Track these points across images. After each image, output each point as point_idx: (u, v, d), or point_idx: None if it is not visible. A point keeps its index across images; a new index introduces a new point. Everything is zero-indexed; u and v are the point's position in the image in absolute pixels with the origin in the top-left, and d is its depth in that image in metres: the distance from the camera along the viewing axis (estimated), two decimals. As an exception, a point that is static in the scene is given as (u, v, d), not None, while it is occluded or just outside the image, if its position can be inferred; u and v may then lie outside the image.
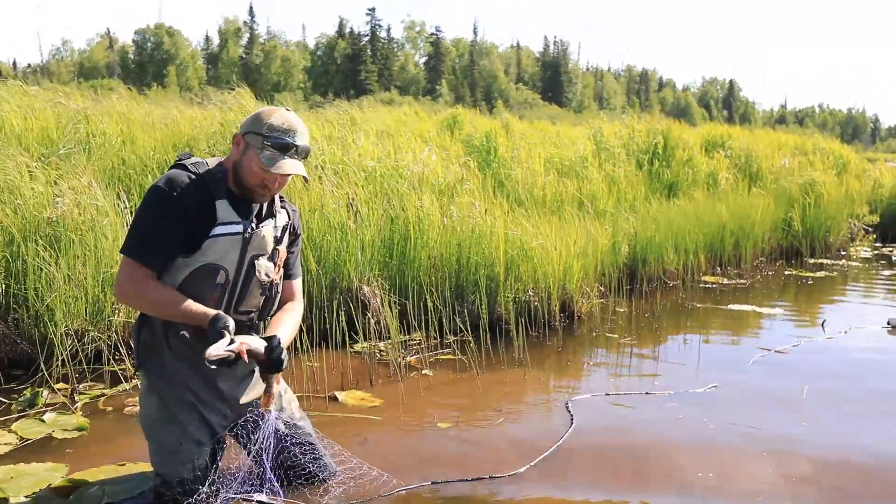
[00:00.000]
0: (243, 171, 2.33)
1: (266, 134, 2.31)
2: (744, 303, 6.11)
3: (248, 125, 2.36)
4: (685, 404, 3.62)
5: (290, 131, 2.34)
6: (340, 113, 7.66)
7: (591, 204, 6.89)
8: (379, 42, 77.62)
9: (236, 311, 2.40)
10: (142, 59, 69.82)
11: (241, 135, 2.36)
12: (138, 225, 2.30)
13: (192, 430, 2.38)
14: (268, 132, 2.31)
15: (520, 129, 9.85)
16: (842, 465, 2.96)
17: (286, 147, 2.32)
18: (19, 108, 5.19)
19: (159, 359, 2.38)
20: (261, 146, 2.30)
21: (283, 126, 2.33)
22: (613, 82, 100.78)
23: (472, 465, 2.82)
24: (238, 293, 2.39)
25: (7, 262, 3.76)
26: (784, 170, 10.20)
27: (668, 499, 2.60)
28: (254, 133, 2.33)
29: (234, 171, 2.36)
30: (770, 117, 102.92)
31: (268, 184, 2.34)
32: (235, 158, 2.36)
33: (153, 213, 2.27)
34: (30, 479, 2.59)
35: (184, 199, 2.26)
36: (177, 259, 2.29)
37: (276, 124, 2.32)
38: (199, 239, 2.28)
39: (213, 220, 2.30)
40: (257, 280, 2.41)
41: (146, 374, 2.40)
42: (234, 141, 2.38)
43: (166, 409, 2.38)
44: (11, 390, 3.47)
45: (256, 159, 2.30)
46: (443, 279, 4.83)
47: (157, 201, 2.27)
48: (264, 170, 2.30)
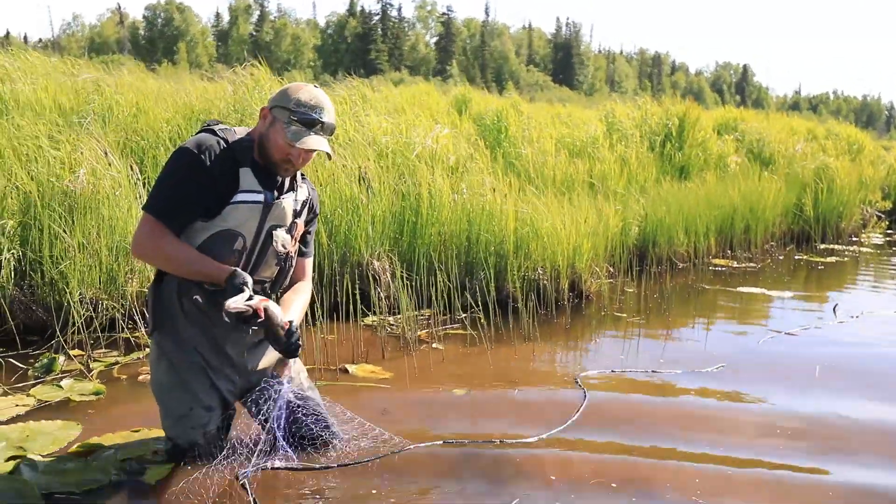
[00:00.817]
0: (269, 143, 2.36)
1: (293, 109, 2.33)
2: (754, 286, 6.11)
3: (277, 99, 2.38)
4: (693, 381, 3.64)
5: (317, 108, 2.36)
6: (351, 89, 7.64)
7: (602, 184, 6.88)
8: (389, 21, 77.22)
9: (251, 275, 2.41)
10: (152, 35, 69.77)
11: (268, 108, 2.39)
12: (164, 184, 2.31)
13: (203, 395, 2.42)
14: (295, 107, 2.33)
15: (528, 111, 9.80)
16: (857, 437, 2.97)
17: (312, 123, 2.35)
18: (33, 78, 5.20)
19: (172, 324, 2.40)
20: (287, 121, 2.33)
21: (311, 102, 2.35)
22: (625, 65, 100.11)
23: (486, 432, 2.85)
24: (254, 261, 2.41)
25: (23, 228, 3.80)
26: (797, 155, 10.15)
27: (675, 466, 2.62)
28: (281, 107, 2.35)
29: (259, 143, 2.39)
30: (784, 103, 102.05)
31: (292, 159, 2.37)
32: (262, 131, 2.39)
33: (181, 174, 2.29)
34: (46, 438, 2.63)
35: (211, 164, 2.29)
36: (196, 222, 2.31)
37: (303, 100, 2.34)
38: (221, 204, 2.31)
39: (235, 186, 2.32)
40: (273, 250, 2.44)
41: (158, 339, 2.43)
42: (262, 114, 2.40)
43: (177, 374, 2.41)
44: (28, 356, 3.51)
45: (282, 133, 2.33)
46: (453, 256, 4.85)
47: (187, 164, 2.28)
48: (290, 144, 2.33)
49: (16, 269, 3.73)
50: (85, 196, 3.86)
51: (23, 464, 2.39)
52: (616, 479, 2.52)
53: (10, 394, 3.09)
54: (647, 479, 2.52)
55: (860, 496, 2.48)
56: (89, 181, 3.90)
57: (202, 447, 2.42)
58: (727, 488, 2.49)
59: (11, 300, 3.68)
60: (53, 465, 2.43)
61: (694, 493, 2.43)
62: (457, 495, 2.37)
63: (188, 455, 2.43)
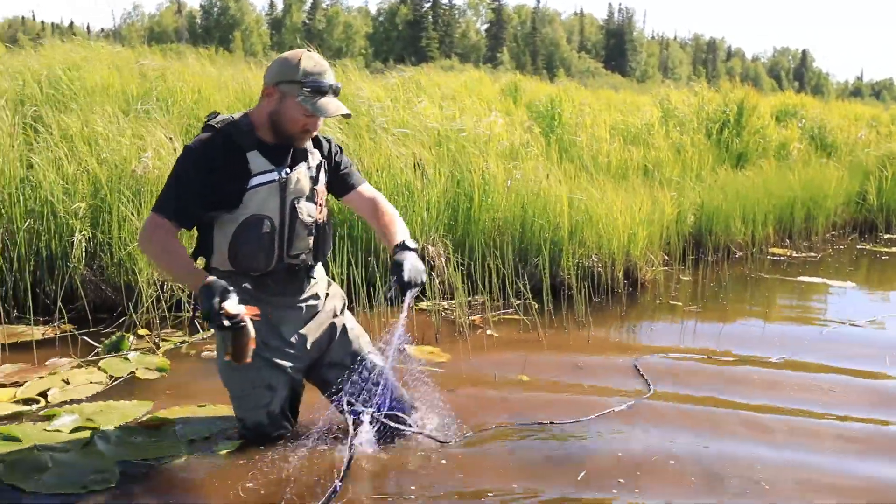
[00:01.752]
0: (284, 119, 2.36)
1: (303, 81, 2.32)
2: (814, 275, 5.98)
3: (279, 74, 2.35)
4: (753, 370, 3.59)
5: (323, 72, 2.37)
6: (405, 77, 7.68)
7: (657, 171, 6.78)
8: (440, 8, 77.11)
9: (288, 255, 2.47)
10: (208, 24, 71.04)
11: (272, 86, 2.35)
12: (169, 183, 2.36)
13: (263, 374, 2.46)
14: (304, 78, 2.32)
15: (582, 97, 9.70)
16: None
17: (324, 89, 2.35)
18: (103, 65, 5.37)
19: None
20: (300, 93, 2.32)
21: (317, 69, 2.35)
22: (679, 51, 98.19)
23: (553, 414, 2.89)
24: (287, 238, 2.45)
25: (93, 211, 3.94)
26: (860, 142, 9.84)
27: (736, 453, 2.60)
28: (288, 82, 2.33)
29: (271, 121, 2.38)
30: (844, 89, 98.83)
31: (310, 127, 2.40)
32: (270, 109, 2.36)
33: (185, 174, 2.33)
34: (116, 413, 2.75)
35: (214, 159, 2.32)
36: (223, 215, 2.36)
37: (309, 69, 2.34)
38: (239, 193, 2.34)
39: (247, 172, 2.35)
40: (301, 222, 2.46)
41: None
42: (266, 93, 2.37)
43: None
44: (98, 333, 3.65)
45: (297, 107, 2.33)
46: (506, 242, 4.86)
47: (192, 162, 2.33)
48: (308, 115, 2.35)
49: (86, 250, 3.87)
50: (151, 180, 3.99)
51: (96, 436, 2.49)
52: (678, 458, 2.52)
53: (83, 366, 3.22)
54: (710, 462, 2.51)
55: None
56: (154, 165, 4.03)
57: (266, 426, 2.49)
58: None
59: (83, 279, 3.83)
60: (124, 437, 2.53)
61: (758, 481, 2.42)
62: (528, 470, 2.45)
63: (256, 433, 2.49)
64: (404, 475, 2.40)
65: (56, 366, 3.22)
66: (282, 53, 2.45)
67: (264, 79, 2.40)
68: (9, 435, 2.49)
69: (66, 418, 2.66)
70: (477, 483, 2.36)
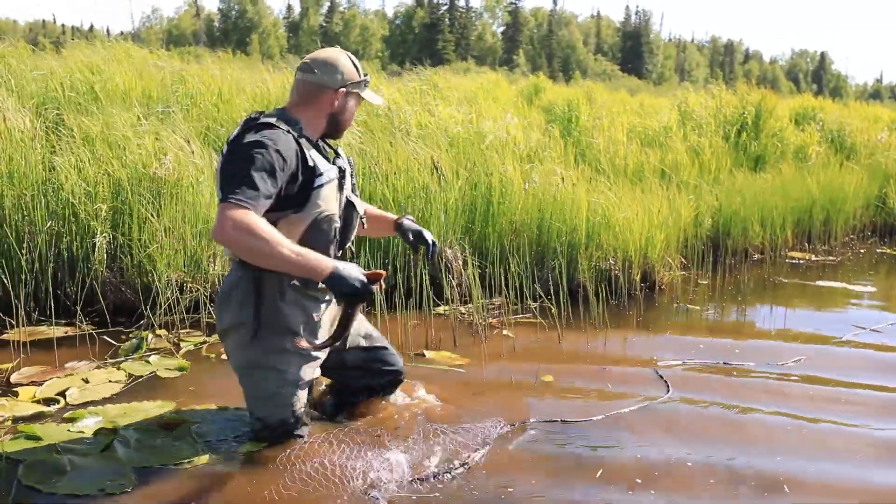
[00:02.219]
0: (346, 116, 2.56)
1: (363, 79, 2.56)
2: (833, 279, 5.92)
3: (345, 78, 2.49)
4: (772, 374, 3.58)
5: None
6: (423, 79, 7.70)
7: (675, 174, 6.75)
8: (457, 11, 77.14)
9: (342, 248, 2.56)
10: (226, 27, 71.48)
11: (340, 89, 2.48)
12: (246, 173, 2.20)
13: (293, 373, 2.47)
14: (363, 77, 2.57)
15: (601, 99, 9.68)
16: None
17: (368, 82, 2.63)
18: (124, 68, 5.42)
19: (270, 307, 2.42)
20: (362, 89, 2.57)
21: (360, 65, 2.59)
22: (696, 54, 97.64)
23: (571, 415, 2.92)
24: (343, 232, 2.54)
25: (114, 213, 3.98)
26: (880, 144, 9.74)
27: (756, 459, 2.59)
28: (354, 83, 2.52)
29: (329, 120, 2.51)
30: (863, 91, 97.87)
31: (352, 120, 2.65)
32: (333, 110, 2.50)
33: (262, 163, 2.22)
34: (139, 414, 2.76)
35: (288, 155, 2.30)
36: (290, 215, 2.35)
37: (360, 67, 2.58)
38: (307, 192, 2.36)
39: (312, 170, 2.37)
40: (357, 214, 2.58)
41: (252, 322, 2.42)
42: (334, 97, 2.47)
43: (267, 355, 2.44)
44: (118, 334, 3.69)
45: (357, 101, 2.58)
46: (524, 245, 4.85)
47: (271, 152, 2.24)
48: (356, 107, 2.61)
49: (107, 252, 3.91)
50: (170, 182, 4.03)
51: (116, 440, 2.50)
52: (694, 460, 2.52)
53: (103, 367, 3.25)
54: (726, 464, 2.50)
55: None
56: (174, 168, 4.06)
57: (291, 425, 2.50)
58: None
59: (103, 281, 3.87)
60: (145, 440, 2.53)
61: (779, 483, 2.40)
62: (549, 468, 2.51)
63: (282, 433, 2.50)
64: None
65: (75, 368, 3.24)
66: (318, 56, 2.52)
67: (324, 84, 2.45)
68: (31, 434, 2.52)
69: (89, 420, 2.68)
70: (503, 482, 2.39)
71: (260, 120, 2.36)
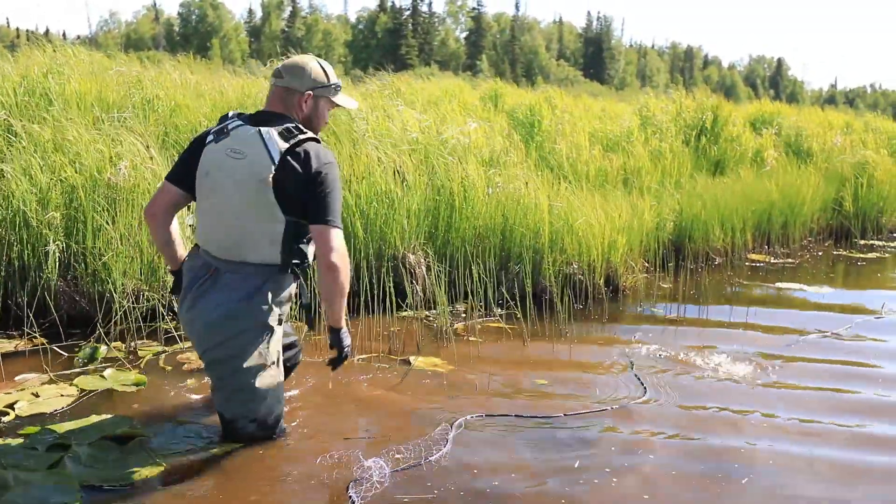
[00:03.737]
0: (318, 119, 2.66)
1: (334, 85, 2.67)
2: (792, 281, 6.01)
3: (313, 82, 2.61)
4: (735, 372, 3.62)
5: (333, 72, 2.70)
6: (385, 84, 7.65)
7: (636, 179, 6.81)
8: (420, 16, 77.23)
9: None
10: (186, 31, 70.56)
11: (308, 92, 2.60)
12: (339, 193, 2.54)
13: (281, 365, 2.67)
14: (333, 82, 2.66)
15: (563, 104, 9.72)
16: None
17: (340, 87, 2.73)
18: (78, 73, 5.28)
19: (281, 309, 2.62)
20: (332, 93, 2.66)
21: (332, 70, 2.68)
22: (657, 59, 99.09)
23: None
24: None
25: (67, 220, 3.87)
26: (835, 149, 9.94)
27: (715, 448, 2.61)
28: (322, 87, 2.63)
29: (305, 123, 2.61)
30: (819, 97, 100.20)
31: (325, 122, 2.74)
32: (306, 114, 2.62)
33: (338, 184, 2.54)
34: (93, 430, 2.66)
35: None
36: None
37: (331, 72, 2.67)
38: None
39: None
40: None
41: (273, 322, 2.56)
42: (303, 100, 2.60)
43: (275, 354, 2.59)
44: (72, 346, 3.57)
45: (328, 105, 2.67)
46: (487, 250, 4.84)
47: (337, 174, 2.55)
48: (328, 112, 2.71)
49: (60, 260, 3.80)
50: (126, 189, 3.93)
51: (67, 456, 2.42)
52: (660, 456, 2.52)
53: (55, 382, 3.15)
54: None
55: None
56: (130, 174, 3.96)
57: (281, 417, 2.67)
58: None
59: (56, 291, 3.75)
60: (96, 455, 2.46)
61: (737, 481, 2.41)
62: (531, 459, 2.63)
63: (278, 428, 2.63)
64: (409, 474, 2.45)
65: (26, 381, 3.13)
66: (289, 62, 2.66)
67: (294, 88, 2.59)
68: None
69: (40, 434, 2.59)
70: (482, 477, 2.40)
71: (306, 134, 2.53)
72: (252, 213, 2.46)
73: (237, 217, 2.48)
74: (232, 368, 2.51)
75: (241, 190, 2.45)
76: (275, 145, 2.45)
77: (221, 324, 2.49)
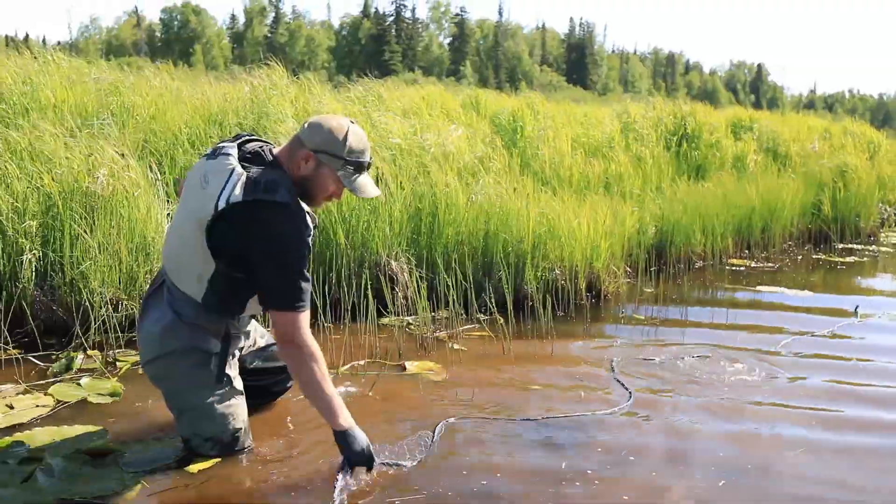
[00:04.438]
0: (316, 187, 2.37)
1: (347, 158, 2.34)
2: (772, 285, 6.06)
3: (324, 144, 2.33)
4: (716, 373, 3.64)
5: (366, 150, 2.38)
6: (367, 90, 7.64)
7: (618, 184, 6.83)
8: (403, 22, 77.37)
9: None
10: (168, 37, 70.25)
11: (311, 152, 2.34)
12: (294, 271, 2.26)
13: (237, 383, 2.54)
14: (349, 156, 2.34)
15: (545, 110, 9.74)
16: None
17: (364, 168, 2.38)
18: (55, 79, 5.23)
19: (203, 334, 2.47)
20: (342, 169, 2.35)
21: (361, 146, 2.37)
22: (639, 65, 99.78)
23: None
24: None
25: (44, 229, 3.82)
26: (814, 153, 10.04)
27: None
28: (331, 155, 2.33)
29: (301, 184, 2.36)
30: (799, 102, 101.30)
31: (335, 197, 2.43)
32: (304, 174, 2.35)
33: (300, 257, 2.29)
34: (67, 443, 2.62)
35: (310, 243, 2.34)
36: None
37: (354, 146, 2.35)
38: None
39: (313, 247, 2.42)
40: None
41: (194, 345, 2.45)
42: (303, 157, 2.34)
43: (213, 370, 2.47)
44: (48, 356, 3.52)
45: (334, 178, 2.35)
46: (470, 256, 4.84)
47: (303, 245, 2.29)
48: (340, 187, 2.38)
49: (37, 270, 3.75)
50: (105, 197, 3.88)
51: (39, 469, 2.37)
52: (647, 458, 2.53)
53: (30, 392, 3.10)
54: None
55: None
56: (108, 182, 3.92)
57: (243, 435, 2.52)
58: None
59: (33, 300, 3.71)
60: (70, 469, 2.41)
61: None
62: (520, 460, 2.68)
63: (236, 447, 2.50)
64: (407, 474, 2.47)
65: (0, 392, 3.08)
66: (323, 117, 2.42)
67: (303, 140, 2.35)
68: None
69: (12, 447, 2.54)
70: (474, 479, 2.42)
71: (276, 197, 2.23)
72: (190, 244, 2.33)
73: (180, 242, 2.40)
74: (170, 388, 2.50)
75: (188, 219, 2.34)
76: (231, 192, 2.22)
77: (156, 340, 2.46)
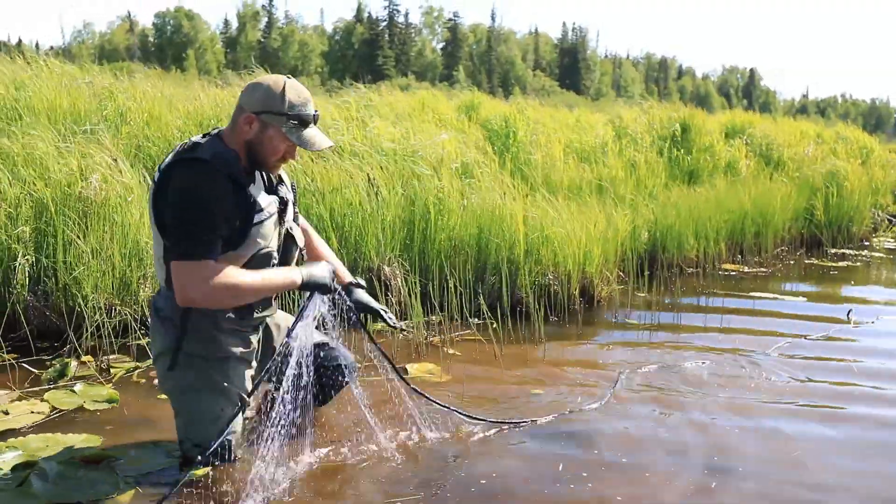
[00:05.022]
0: (264, 149, 2.32)
1: (288, 113, 2.28)
2: (765, 290, 6.08)
3: (262, 104, 2.28)
4: (711, 375, 3.68)
5: (307, 103, 2.33)
6: (359, 95, 7.66)
7: (611, 189, 6.86)
8: (396, 27, 77.43)
9: None
10: (161, 42, 70.12)
11: (252, 114, 2.29)
12: (194, 222, 2.18)
13: (233, 395, 2.45)
14: (290, 110, 2.29)
15: (535, 116, 9.76)
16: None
17: (308, 121, 2.33)
18: (49, 84, 5.23)
19: (206, 335, 2.39)
20: (286, 125, 2.29)
21: (301, 100, 2.32)
22: (632, 70, 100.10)
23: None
24: (281, 262, 2.45)
25: (37, 234, 3.82)
26: (807, 158, 10.09)
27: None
28: (273, 113, 2.29)
29: (248, 150, 2.32)
30: (791, 107, 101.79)
31: (289, 157, 2.37)
32: (248, 137, 2.31)
33: (207, 213, 2.19)
34: (62, 448, 2.61)
35: (224, 194, 2.23)
36: (228, 253, 2.27)
37: (294, 100, 2.30)
38: (245, 229, 2.27)
39: (252, 206, 2.28)
40: (296, 245, 2.50)
41: (187, 348, 2.39)
42: (246, 121, 2.30)
43: (209, 377, 2.40)
44: (42, 361, 3.52)
45: (281, 137, 2.30)
46: (463, 261, 4.85)
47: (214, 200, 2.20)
48: (291, 146, 2.32)
49: (30, 275, 3.74)
50: (98, 202, 3.88)
51: (33, 474, 2.37)
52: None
53: (25, 398, 3.10)
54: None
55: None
56: (101, 188, 3.92)
57: (234, 446, 2.44)
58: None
59: (26, 306, 3.70)
60: (65, 474, 2.41)
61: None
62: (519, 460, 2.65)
63: (221, 456, 2.42)
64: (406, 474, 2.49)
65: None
66: (258, 78, 2.38)
67: (242, 105, 2.32)
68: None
69: (8, 454, 2.53)
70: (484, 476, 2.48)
71: (196, 154, 2.23)
72: (151, 227, 2.34)
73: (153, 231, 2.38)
74: (165, 388, 2.51)
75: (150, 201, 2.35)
76: (165, 160, 2.25)
77: (154, 340, 2.48)
